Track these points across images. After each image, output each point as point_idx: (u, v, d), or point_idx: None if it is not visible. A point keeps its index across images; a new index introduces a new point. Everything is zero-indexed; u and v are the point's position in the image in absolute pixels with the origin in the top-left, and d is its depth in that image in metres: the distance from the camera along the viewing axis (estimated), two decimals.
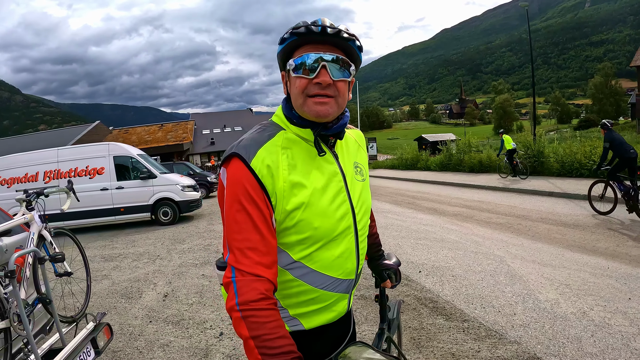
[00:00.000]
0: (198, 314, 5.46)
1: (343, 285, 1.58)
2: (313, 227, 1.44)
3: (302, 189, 1.43)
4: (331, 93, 1.43)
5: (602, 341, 4.03)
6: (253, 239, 1.32)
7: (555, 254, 7.31)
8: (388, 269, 2.15)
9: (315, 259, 1.48)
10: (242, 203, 1.34)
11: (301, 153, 1.49)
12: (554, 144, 21.19)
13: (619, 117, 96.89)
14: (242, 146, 1.42)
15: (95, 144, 14.37)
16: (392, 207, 14.46)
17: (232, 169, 1.40)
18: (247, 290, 1.26)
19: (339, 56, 1.43)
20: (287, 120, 1.54)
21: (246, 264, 1.30)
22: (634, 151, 9.77)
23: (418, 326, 4.65)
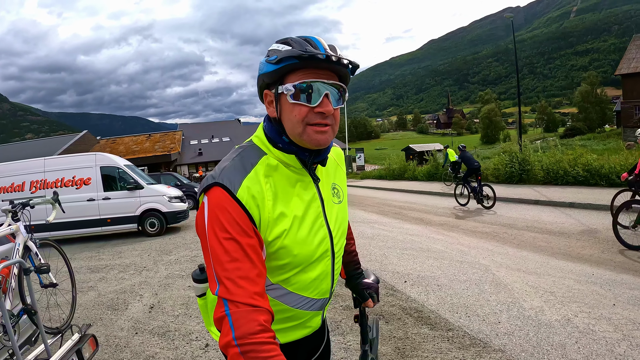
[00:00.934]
0: (184, 326, 5.44)
1: (318, 304, 1.62)
2: (292, 255, 1.44)
3: (284, 218, 1.42)
4: (330, 122, 1.42)
5: (586, 347, 4.08)
6: (245, 268, 1.25)
7: (540, 262, 7.38)
8: (369, 288, 2.04)
9: (293, 282, 1.50)
10: (230, 232, 1.27)
11: (282, 180, 1.46)
12: (538, 152, 21.36)
13: (605, 124, 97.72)
14: (225, 175, 1.35)
15: (82, 154, 14.34)
16: (379, 217, 14.50)
17: (215, 198, 1.32)
18: (244, 323, 1.17)
19: (338, 84, 1.41)
20: (270, 144, 1.49)
21: (240, 294, 1.22)
22: (478, 163, 15.03)
23: (403, 336, 4.67)
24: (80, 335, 3.70)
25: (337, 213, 1.65)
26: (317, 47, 1.37)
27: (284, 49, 1.38)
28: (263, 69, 1.43)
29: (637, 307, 5.03)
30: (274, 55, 1.38)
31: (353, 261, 2.08)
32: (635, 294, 5.46)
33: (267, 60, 1.41)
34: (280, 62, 1.36)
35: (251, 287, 1.23)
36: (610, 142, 48.11)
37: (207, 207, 1.33)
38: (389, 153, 54.73)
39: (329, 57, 1.32)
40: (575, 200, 13.44)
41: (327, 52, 1.35)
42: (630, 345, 4.06)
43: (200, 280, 1.72)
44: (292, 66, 1.36)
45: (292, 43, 1.38)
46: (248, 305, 1.20)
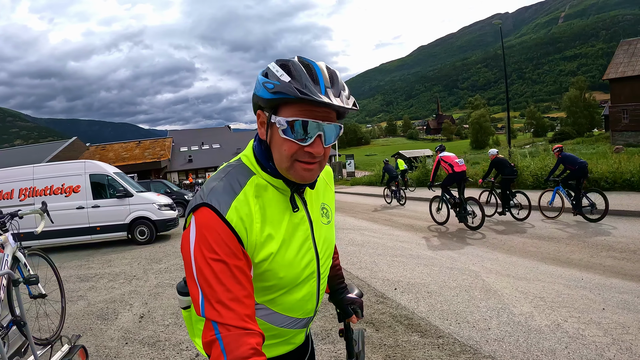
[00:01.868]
0: (174, 335, 5.42)
1: (302, 322, 1.62)
2: (278, 277, 1.43)
3: (271, 241, 1.40)
4: (318, 159, 1.39)
5: (576, 352, 4.11)
6: (235, 290, 1.23)
7: (530, 267, 7.43)
8: (353, 303, 2.01)
9: (278, 302, 1.49)
10: (219, 253, 1.24)
11: (271, 202, 1.44)
12: (527, 158, 21.51)
13: (593, 128, 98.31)
14: (213, 197, 1.33)
15: (71, 162, 14.24)
16: (369, 224, 14.52)
17: (203, 219, 1.29)
18: (236, 346, 1.14)
19: (334, 124, 1.38)
20: (259, 165, 1.46)
21: (231, 317, 1.18)
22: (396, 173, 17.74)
23: (393, 344, 4.67)
24: (70, 346, 3.69)
25: (325, 234, 1.65)
26: (318, 80, 1.31)
27: (283, 77, 1.31)
28: (259, 90, 1.37)
29: (626, 311, 5.07)
30: (271, 84, 1.32)
31: (337, 275, 2.05)
32: (624, 298, 5.51)
33: (263, 83, 1.34)
34: (276, 93, 1.31)
35: (241, 309, 1.21)
36: (599, 146, 48.45)
37: (194, 227, 1.30)
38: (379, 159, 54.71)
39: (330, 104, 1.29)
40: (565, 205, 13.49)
41: (327, 91, 1.30)
42: (620, 349, 4.10)
43: (185, 293, 1.70)
44: (288, 99, 1.30)
45: (292, 71, 1.31)
46: (239, 328, 1.17)
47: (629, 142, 46.19)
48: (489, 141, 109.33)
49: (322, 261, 1.60)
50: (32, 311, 4.43)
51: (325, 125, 1.35)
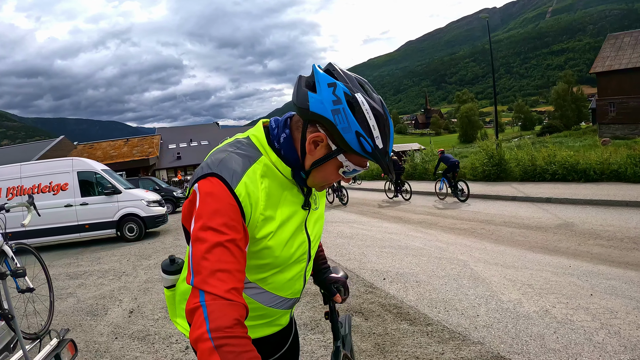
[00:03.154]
0: (164, 329, 5.43)
1: (289, 303, 1.67)
2: (274, 256, 1.45)
3: (272, 221, 1.42)
4: None
5: (564, 337, 4.15)
6: (228, 261, 1.21)
7: (518, 256, 7.51)
8: (336, 282, 2.06)
9: (269, 281, 1.52)
10: (220, 224, 1.24)
11: (275, 183, 1.46)
12: (514, 150, 21.70)
13: (581, 122, 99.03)
14: (224, 168, 1.33)
15: (58, 160, 14.14)
16: (358, 217, 14.64)
17: (212, 188, 1.29)
18: (220, 315, 1.12)
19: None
20: (271, 149, 1.46)
21: (219, 286, 1.17)
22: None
23: (382, 332, 4.70)
24: (59, 340, 3.68)
25: (315, 219, 1.70)
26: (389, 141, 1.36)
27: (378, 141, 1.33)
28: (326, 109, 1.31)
29: (614, 296, 5.13)
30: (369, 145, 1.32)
31: (319, 256, 2.11)
32: (612, 284, 5.57)
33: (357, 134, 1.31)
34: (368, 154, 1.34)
35: (231, 281, 1.19)
36: (587, 139, 48.86)
37: (199, 194, 1.29)
38: None
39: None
40: (552, 196, 13.74)
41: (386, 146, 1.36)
42: (609, 333, 4.14)
43: (170, 272, 1.71)
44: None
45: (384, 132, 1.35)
46: (225, 299, 1.16)
47: (616, 135, 46.64)
48: (477, 135, 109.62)
49: (312, 244, 1.66)
50: (20, 308, 4.41)
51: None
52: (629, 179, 14.83)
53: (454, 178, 16.46)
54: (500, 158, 20.66)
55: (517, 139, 68.46)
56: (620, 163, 15.59)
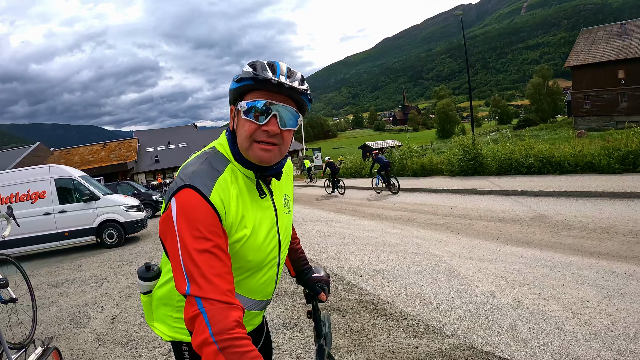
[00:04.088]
0: (146, 334, 5.47)
1: (261, 305, 1.76)
2: (246, 260, 1.53)
3: (245, 225, 1.50)
4: (276, 141, 1.51)
5: (536, 327, 4.28)
6: (217, 266, 1.28)
7: (492, 249, 7.65)
8: (320, 281, 2.13)
9: (242, 285, 1.60)
10: (202, 231, 1.31)
11: (244, 189, 1.55)
12: (490, 145, 21.93)
13: (557, 115, 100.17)
14: (196, 179, 1.40)
15: (35, 167, 13.99)
16: (336, 215, 14.74)
17: (187, 200, 1.36)
18: (221, 319, 1.18)
19: (289, 107, 1.51)
20: (232, 155, 1.57)
21: (213, 291, 1.23)
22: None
23: (359, 328, 4.81)
24: (43, 348, 3.74)
25: (286, 223, 1.79)
26: (276, 71, 1.49)
27: (247, 69, 1.51)
28: (230, 85, 1.55)
29: (585, 285, 5.28)
30: (237, 75, 1.52)
31: (300, 258, 2.18)
32: (584, 274, 5.73)
33: (233, 78, 1.54)
34: (240, 81, 1.50)
35: (224, 284, 1.26)
36: (562, 132, 49.42)
37: (176, 207, 1.36)
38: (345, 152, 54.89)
39: (280, 82, 1.46)
40: (527, 189, 13.96)
41: (280, 77, 1.48)
42: (579, 322, 4.28)
43: (146, 278, 1.80)
44: (250, 86, 1.49)
45: (256, 65, 1.50)
46: (222, 302, 1.22)
47: (591, 127, 47.37)
48: (455, 130, 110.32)
49: (282, 247, 1.74)
50: (4, 319, 4.44)
51: (279, 106, 1.49)
52: (603, 170, 15.05)
53: (387, 175, 20.01)
54: (477, 153, 20.86)
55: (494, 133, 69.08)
56: (594, 155, 15.84)
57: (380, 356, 4.10)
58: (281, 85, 1.46)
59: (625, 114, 45.80)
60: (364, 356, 4.14)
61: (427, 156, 27.77)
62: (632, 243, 7.02)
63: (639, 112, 44.55)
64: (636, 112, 44.76)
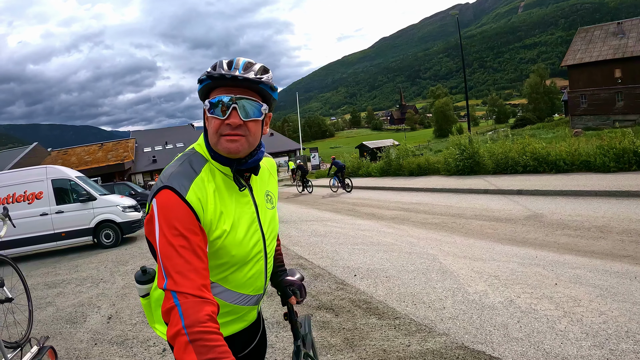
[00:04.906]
0: (142, 333, 5.50)
1: (253, 299, 1.79)
2: (230, 255, 1.58)
3: (225, 221, 1.55)
4: (242, 133, 1.54)
5: (527, 326, 4.30)
6: (193, 262, 1.34)
7: (486, 248, 7.66)
8: (292, 285, 2.14)
9: (230, 280, 1.65)
10: (179, 229, 1.37)
11: (222, 186, 1.60)
12: (487, 144, 21.95)
13: (554, 114, 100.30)
14: (174, 180, 1.47)
15: (32, 168, 13.98)
16: (332, 215, 14.75)
17: (165, 200, 1.43)
18: (193, 312, 1.24)
19: (249, 98, 1.53)
20: (209, 154, 1.62)
21: (188, 286, 1.29)
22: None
23: (352, 327, 4.84)
24: (39, 347, 3.76)
25: (270, 218, 1.83)
26: (232, 66, 1.54)
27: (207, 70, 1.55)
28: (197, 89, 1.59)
29: (578, 284, 5.30)
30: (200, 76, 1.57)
31: (276, 259, 2.20)
32: (576, 273, 5.74)
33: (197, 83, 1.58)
34: (200, 82, 1.56)
35: (199, 279, 1.32)
36: (559, 131, 49.55)
37: (157, 208, 1.44)
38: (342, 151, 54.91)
39: (233, 76, 1.49)
40: (523, 188, 13.98)
41: (234, 71, 1.51)
42: (571, 321, 4.29)
43: (143, 281, 1.85)
44: (210, 85, 1.54)
45: (215, 65, 1.55)
46: (196, 296, 1.28)
47: (588, 126, 47.42)
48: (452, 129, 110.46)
49: (268, 241, 1.79)
50: (0, 318, 4.47)
51: (239, 97, 1.53)
52: (599, 169, 15.09)
53: (342, 176, 23.47)
54: (473, 152, 20.87)
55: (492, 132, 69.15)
56: (590, 154, 15.88)
57: (372, 355, 4.13)
58: (235, 78, 1.49)
59: (622, 112, 45.91)
60: (355, 355, 4.17)
61: (424, 156, 27.78)
62: (626, 242, 7.03)
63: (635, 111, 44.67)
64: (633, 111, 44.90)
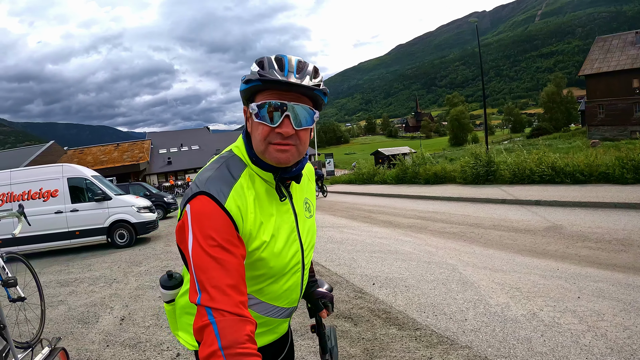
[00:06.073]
0: (155, 336, 5.43)
1: (287, 312, 1.68)
2: (268, 266, 1.47)
3: (264, 231, 1.45)
4: (292, 142, 1.43)
5: (551, 340, 4.18)
6: (232, 276, 1.24)
7: (507, 259, 7.53)
8: (323, 297, 2.02)
9: (265, 292, 1.54)
10: (217, 240, 1.26)
11: (262, 194, 1.49)
12: (503, 154, 21.74)
13: (570, 124, 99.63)
14: (211, 185, 1.36)
15: (48, 166, 14.03)
16: (348, 221, 14.62)
17: (202, 207, 1.32)
18: (231, 332, 1.14)
19: (303, 105, 1.43)
20: (249, 158, 1.51)
21: (226, 302, 1.19)
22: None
23: (371, 337, 4.74)
24: (51, 348, 3.70)
25: (308, 227, 1.71)
26: (284, 67, 1.40)
27: (254, 69, 1.42)
28: (240, 87, 1.47)
29: (601, 298, 5.17)
30: (245, 76, 1.44)
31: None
32: (599, 286, 5.61)
33: (241, 79, 1.46)
34: (247, 82, 1.42)
35: (237, 295, 1.22)
36: (576, 141, 49.14)
37: (191, 215, 1.32)
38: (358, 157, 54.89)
39: (290, 82, 1.37)
40: (541, 198, 13.76)
41: (289, 75, 1.39)
42: (595, 335, 4.18)
43: (168, 287, 1.73)
44: (258, 87, 1.40)
45: (264, 63, 1.42)
46: (234, 314, 1.18)
47: (605, 136, 47.00)
48: (468, 138, 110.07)
49: (306, 252, 1.67)
50: (12, 316, 4.41)
51: (292, 105, 1.40)
52: (617, 180, 14.88)
53: (322, 183, 27.73)
54: (490, 161, 20.67)
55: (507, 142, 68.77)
56: (608, 165, 15.67)
57: None
58: (291, 84, 1.38)
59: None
60: None
61: (440, 164, 27.58)
62: None
63: None
64: None
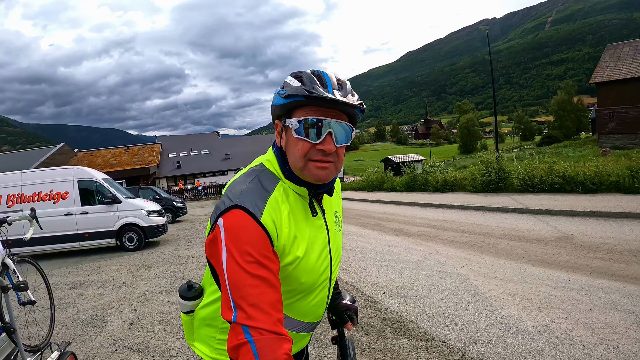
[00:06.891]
0: (164, 342, 5.41)
1: (311, 326, 1.66)
2: (299, 282, 1.45)
3: (298, 246, 1.42)
4: (332, 159, 1.43)
5: (563, 353, 4.13)
6: (269, 293, 1.22)
7: (518, 270, 7.46)
8: (348, 309, 1.97)
9: (293, 307, 1.52)
10: (254, 255, 1.24)
11: (296, 208, 1.47)
12: (514, 162, 21.61)
13: (581, 132, 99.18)
14: (245, 198, 1.34)
15: (59, 168, 14.09)
16: (358, 229, 14.56)
17: (237, 222, 1.29)
18: (270, 351, 1.12)
19: (343, 123, 1.43)
20: (282, 173, 1.49)
21: (265, 320, 1.16)
22: None
23: (382, 347, 4.70)
24: (60, 353, 3.68)
25: (338, 242, 1.70)
26: (326, 84, 1.40)
27: (294, 84, 1.41)
28: (275, 100, 1.46)
29: (613, 310, 5.11)
30: (284, 90, 1.42)
31: None
32: (611, 298, 5.54)
33: (278, 93, 1.45)
34: (289, 97, 1.40)
35: (275, 313, 1.19)
36: (586, 149, 48.87)
37: (225, 229, 1.29)
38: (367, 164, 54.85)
39: (335, 100, 1.36)
40: (552, 208, 13.63)
41: (333, 92, 1.38)
42: (607, 348, 4.13)
43: (188, 297, 1.69)
44: (299, 102, 1.39)
45: (303, 78, 1.41)
46: (272, 332, 1.15)
47: (616, 145, 46.64)
48: (477, 145, 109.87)
49: (334, 267, 1.65)
50: (21, 318, 4.40)
51: (334, 122, 1.41)
52: (628, 189, 14.74)
53: None
54: (500, 169, 20.56)
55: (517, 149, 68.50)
56: (619, 174, 15.54)
57: None
58: (335, 101, 1.37)
59: None
60: None
61: (450, 172, 27.47)
62: None
63: None
64: None
